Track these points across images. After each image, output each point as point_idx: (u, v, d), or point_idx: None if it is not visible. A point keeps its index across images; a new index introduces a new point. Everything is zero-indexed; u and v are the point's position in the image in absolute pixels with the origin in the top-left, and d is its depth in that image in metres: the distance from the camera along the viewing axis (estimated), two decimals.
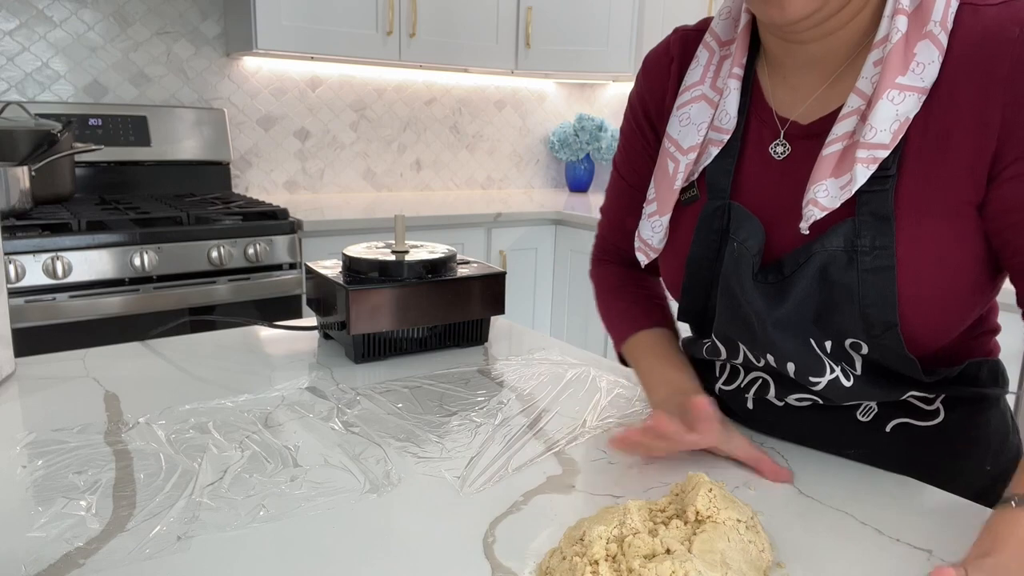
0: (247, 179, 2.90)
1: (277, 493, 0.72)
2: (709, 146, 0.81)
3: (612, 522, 0.59)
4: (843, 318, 0.73)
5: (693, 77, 0.83)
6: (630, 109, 0.94)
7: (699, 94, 0.82)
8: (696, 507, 0.60)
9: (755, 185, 0.79)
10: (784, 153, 0.78)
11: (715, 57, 0.82)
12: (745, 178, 0.80)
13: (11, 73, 2.43)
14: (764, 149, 0.79)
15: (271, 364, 1.09)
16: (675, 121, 0.83)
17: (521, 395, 0.99)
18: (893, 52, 0.67)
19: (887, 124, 0.67)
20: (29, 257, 1.89)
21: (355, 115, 3.09)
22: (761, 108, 0.80)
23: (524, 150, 3.58)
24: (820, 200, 0.70)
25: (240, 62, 2.80)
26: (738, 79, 0.80)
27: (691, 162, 0.81)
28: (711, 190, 0.81)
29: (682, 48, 0.87)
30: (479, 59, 2.97)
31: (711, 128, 0.81)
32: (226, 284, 2.18)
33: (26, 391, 0.95)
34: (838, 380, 0.76)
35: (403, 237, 1.16)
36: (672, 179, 0.82)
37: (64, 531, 0.64)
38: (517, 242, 2.84)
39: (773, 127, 0.79)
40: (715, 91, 0.81)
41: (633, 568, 0.53)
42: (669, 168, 0.83)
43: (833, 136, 0.71)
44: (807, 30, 0.72)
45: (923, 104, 0.68)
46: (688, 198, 0.83)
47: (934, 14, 0.67)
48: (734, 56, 0.80)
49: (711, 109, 0.81)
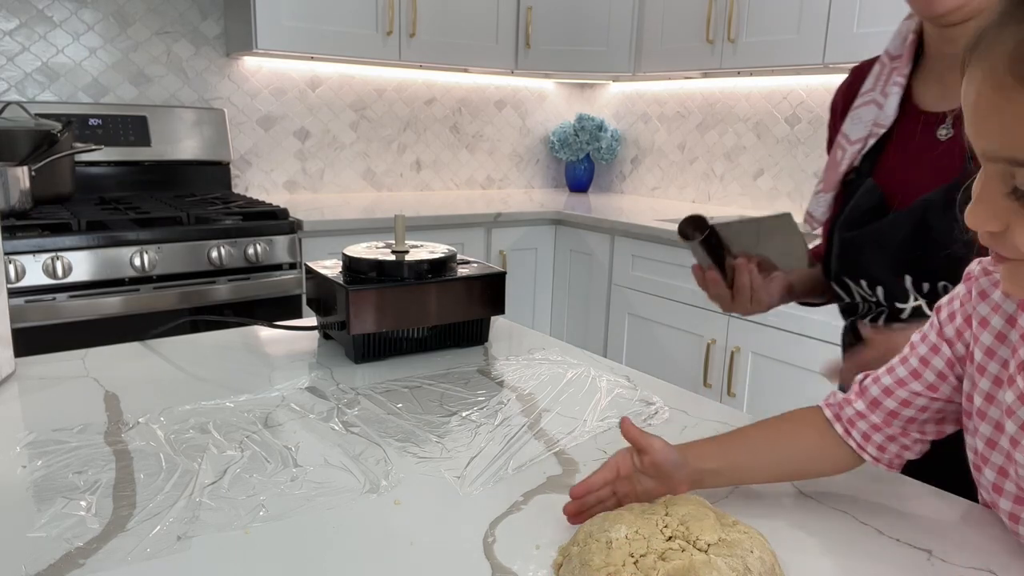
0: (247, 179, 2.90)
1: (277, 493, 0.72)
2: (869, 139, 1.00)
3: (633, 524, 0.59)
4: (933, 262, 0.87)
5: (867, 85, 1.02)
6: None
7: (870, 99, 1.01)
8: (706, 539, 0.58)
9: (900, 166, 0.97)
10: (947, 134, 0.93)
11: (886, 69, 1.01)
12: (892, 162, 0.98)
13: (11, 73, 2.43)
14: (912, 137, 0.96)
15: (271, 364, 1.09)
16: (849, 120, 1.03)
17: (521, 395, 0.99)
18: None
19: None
20: (29, 257, 1.89)
21: (355, 115, 3.09)
22: (912, 107, 0.98)
23: (524, 150, 3.58)
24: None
25: (240, 62, 2.80)
26: (899, 86, 0.98)
27: (856, 151, 1.01)
28: (859, 173, 1.00)
29: (855, 76, 1.09)
30: (479, 59, 2.97)
31: (874, 124, 0.99)
32: (226, 284, 2.18)
33: (26, 391, 0.95)
34: (922, 309, 0.91)
35: (403, 237, 1.16)
36: (839, 163, 1.02)
37: (64, 531, 0.64)
38: (517, 242, 2.84)
39: (924, 119, 0.95)
40: (883, 95, 1.00)
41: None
42: (838, 156, 1.03)
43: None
44: (955, 28, 0.88)
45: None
46: (850, 180, 1.02)
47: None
48: (899, 68, 0.99)
49: (877, 110, 1.00)
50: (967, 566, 0.63)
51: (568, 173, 3.59)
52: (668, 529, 0.58)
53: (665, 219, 2.63)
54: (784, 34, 2.43)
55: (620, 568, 0.55)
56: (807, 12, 2.35)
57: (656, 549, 0.56)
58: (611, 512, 0.62)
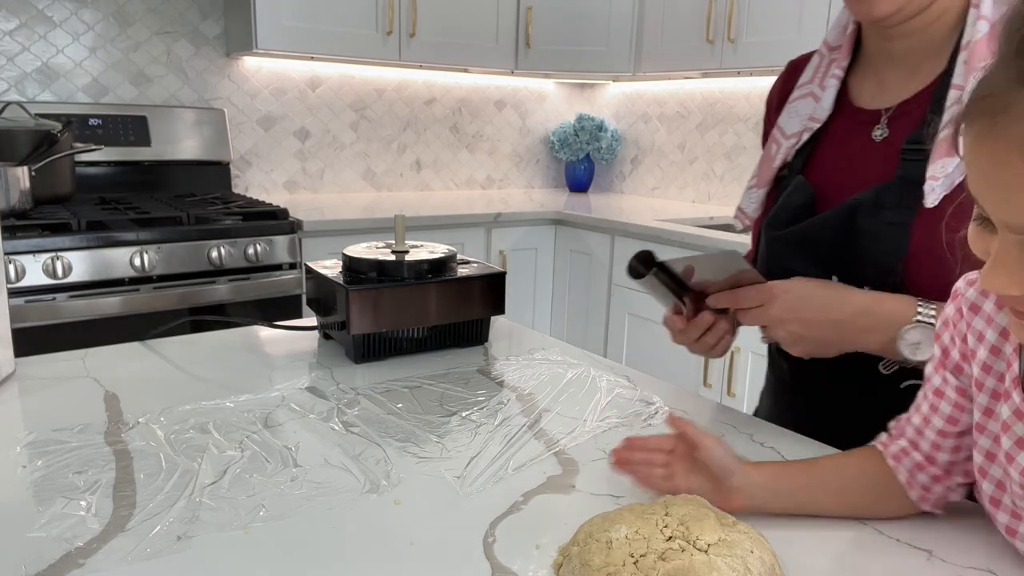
0: (247, 179, 2.90)
1: (277, 493, 0.72)
2: (804, 133, 0.98)
3: (633, 524, 0.58)
4: (862, 263, 0.86)
5: (805, 77, 0.99)
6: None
7: (807, 91, 0.98)
8: (706, 539, 0.58)
9: (832, 164, 0.95)
10: (882, 135, 0.91)
11: (824, 60, 0.98)
12: (825, 159, 0.96)
13: (11, 73, 2.43)
14: (846, 135, 0.95)
15: (271, 364, 1.09)
16: (785, 113, 1.00)
17: (521, 395, 0.99)
18: (976, 47, 0.81)
19: None
20: (29, 257, 1.89)
21: (355, 115, 3.09)
22: (847, 103, 0.96)
23: (524, 150, 3.58)
24: (936, 174, 0.81)
25: (240, 62, 2.80)
26: (837, 79, 0.96)
27: (790, 146, 0.98)
28: (791, 169, 0.98)
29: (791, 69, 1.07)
30: (479, 59, 2.97)
31: (809, 119, 0.97)
32: (226, 284, 2.18)
33: (26, 391, 0.95)
34: None
35: (403, 237, 1.16)
36: (773, 158, 1.00)
37: (64, 531, 0.64)
38: (517, 242, 2.84)
39: (858, 117, 0.94)
40: (820, 88, 0.97)
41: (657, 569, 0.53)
42: (772, 150, 1.00)
43: (942, 125, 0.82)
44: (894, 27, 0.86)
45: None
46: (782, 176, 1.00)
47: None
48: (838, 60, 0.96)
49: (814, 103, 0.97)
50: (967, 566, 0.63)
51: (568, 173, 3.59)
52: (668, 529, 0.58)
53: (665, 219, 2.63)
54: (784, 34, 2.43)
55: (620, 568, 0.55)
56: (807, 12, 2.35)
57: (656, 549, 0.56)
58: (611, 512, 0.62)
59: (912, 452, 0.70)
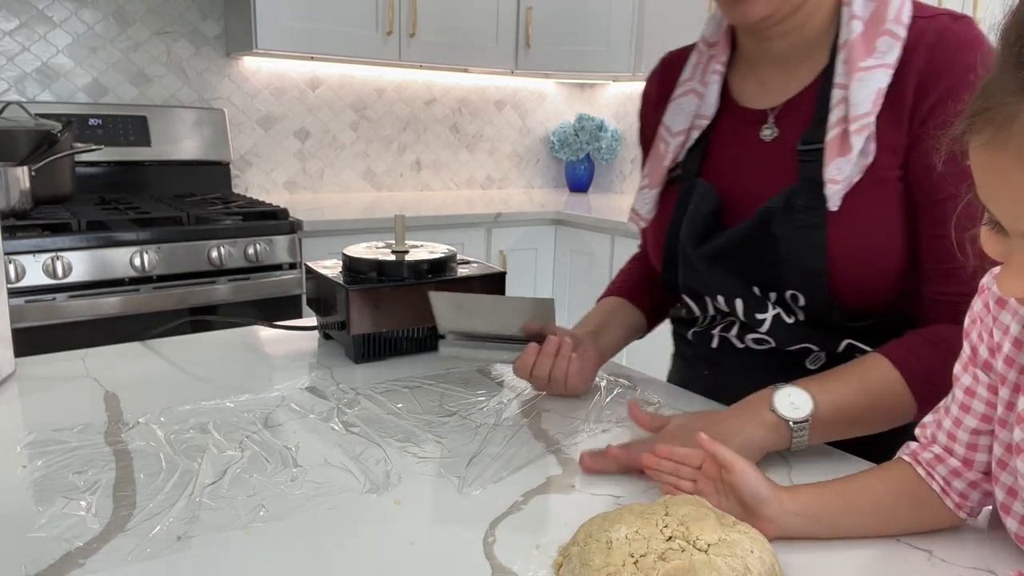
0: (247, 179, 2.90)
1: (277, 493, 0.72)
2: (692, 131, 0.96)
3: (633, 524, 0.58)
4: (782, 269, 0.86)
5: (686, 74, 0.98)
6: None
7: (689, 88, 0.97)
8: (706, 539, 0.58)
9: (727, 165, 0.94)
10: (772, 135, 0.91)
11: (703, 57, 0.97)
12: (718, 160, 0.95)
13: (11, 73, 2.43)
14: (734, 135, 0.94)
15: (271, 364, 1.09)
16: (670, 110, 0.98)
17: (521, 395, 0.99)
18: (852, 46, 0.82)
19: (863, 97, 0.81)
20: (29, 257, 1.89)
21: (355, 115, 3.09)
22: (731, 101, 0.95)
23: (524, 150, 3.58)
24: (835, 177, 0.81)
25: (240, 62, 2.80)
26: (719, 75, 0.95)
27: (679, 144, 0.96)
28: (685, 171, 0.96)
29: (664, 68, 1.06)
30: (479, 59, 2.97)
31: (696, 116, 0.96)
32: (226, 284, 2.18)
33: (26, 391, 0.95)
34: (780, 317, 0.90)
35: (403, 237, 1.16)
36: (662, 158, 0.98)
37: (64, 531, 0.64)
38: (517, 242, 2.84)
39: (744, 116, 0.93)
40: (703, 84, 0.96)
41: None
42: (661, 149, 0.98)
43: (830, 125, 0.83)
44: (770, 28, 0.86)
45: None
46: (675, 176, 0.98)
47: (889, 14, 0.82)
48: (717, 55, 0.95)
49: (697, 101, 0.96)
50: (967, 566, 0.63)
51: (568, 173, 3.59)
52: (668, 529, 0.58)
53: None
54: None
55: (620, 568, 0.55)
56: None
57: (656, 549, 0.56)
58: (611, 512, 0.62)
59: (947, 458, 0.67)
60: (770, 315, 0.90)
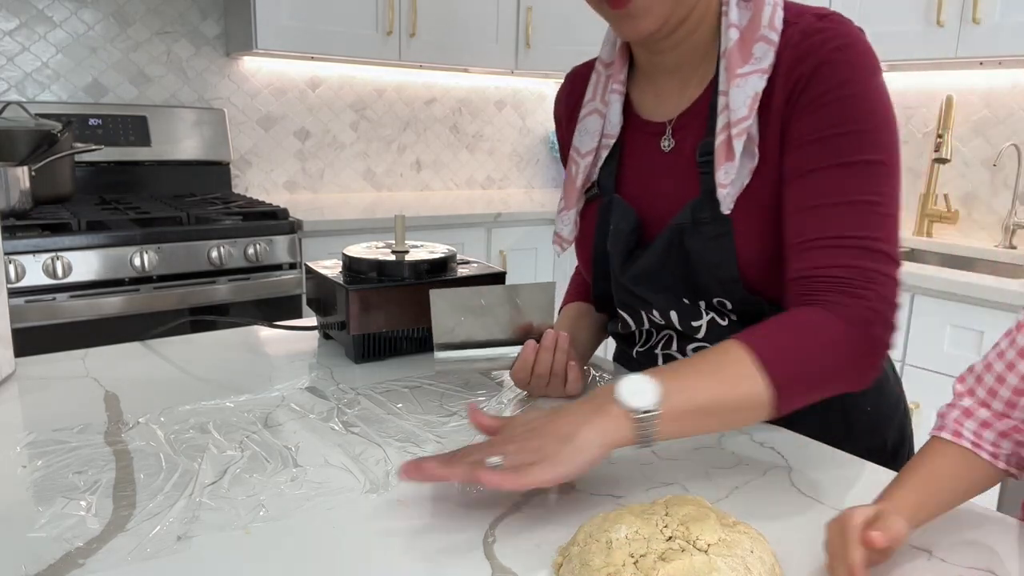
0: (247, 179, 2.90)
1: (277, 493, 0.72)
2: (601, 150, 0.98)
3: (633, 524, 0.58)
4: (702, 280, 0.89)
5: (588, 95, 1.00)
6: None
7: (592, 109, 0.98)
8: (706, 539, 0.58)
9: (637, 179, 0.96)
10: (671, 146, 0.93)
11: (601, 77, 0.99)
12: (629, 175, 0.97)
13: (11, 73, 2.43)
14: (640, 148, 0.96)
15: (271, 364, 1.09)
16: (577, 132, 1.00)
17: (521, 395, 0.99)
18: (731, 54, 0.84)
19: (741, 102, 0.83)
20: (29, 257, 1.89)
21: (355, 115, 3.09)
22: (634, 116, 0.97)
23: (524, 150, 3.58)
24: (723, 182, 0.83)
25: (240, 62, 2.80)
26: (619, 93, 0.96)
27: (589, 164, 0.98)
28: (602, 188, 0.98)
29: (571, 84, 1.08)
30: (479, 59, 2.97)
31: (603, 136, 0.97)
32: (226, 284, 2.18)
33: (26, 391, 0.96)
34: (715, 320, 0.92)
35: (403, 237, 1.16)
36: (575, 179, 0.99)
37: (64, 531, 0.64)
38: (517, 242, 2.84)
39: (647, 129, 0.95)
40: (604, 104, 0.97)
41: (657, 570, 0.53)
42: (573, 170, 1.00)
43: (718, 131, 0.85)
44: (660, 41, 0.88)
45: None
46: (591, 195, 1.00)
47: (763, 20, 0.84)
48: (614, 75, 0.97)
49: (601, 120, 0.97)
50: (967, 566, 0.63)
51: None
52: (668, 529, 0.58)
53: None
54: None
55: (620, 568, 0.55)
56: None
57: (656, 549, 0.56)
58: (611, 512, 0.62)
59: (977, 410, 0.68)
60: (704, 321, 0.92)
